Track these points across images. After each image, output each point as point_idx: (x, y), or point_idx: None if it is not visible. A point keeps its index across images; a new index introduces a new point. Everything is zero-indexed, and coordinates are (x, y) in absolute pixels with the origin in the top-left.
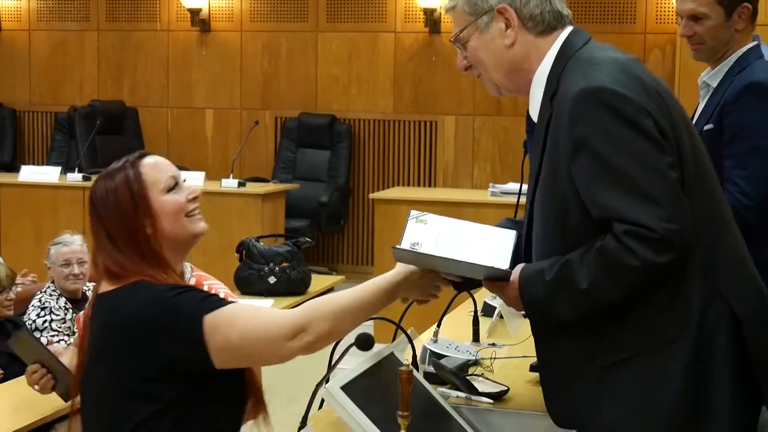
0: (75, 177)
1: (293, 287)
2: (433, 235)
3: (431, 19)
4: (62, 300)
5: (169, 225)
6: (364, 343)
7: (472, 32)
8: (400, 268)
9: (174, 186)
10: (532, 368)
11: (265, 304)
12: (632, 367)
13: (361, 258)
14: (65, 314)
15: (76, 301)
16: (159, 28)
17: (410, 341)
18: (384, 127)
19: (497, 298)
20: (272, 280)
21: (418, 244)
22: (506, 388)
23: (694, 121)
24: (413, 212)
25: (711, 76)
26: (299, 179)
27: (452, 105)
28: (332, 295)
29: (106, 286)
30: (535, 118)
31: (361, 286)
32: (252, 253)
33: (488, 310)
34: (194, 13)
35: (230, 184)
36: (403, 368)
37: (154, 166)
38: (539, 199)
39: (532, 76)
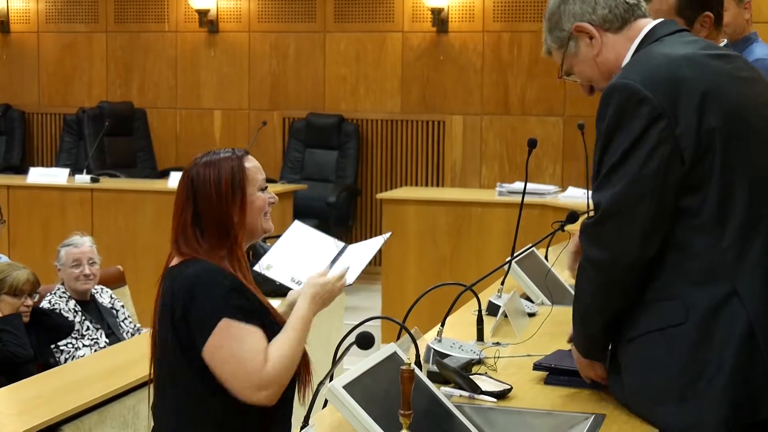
0: (83, 178)
1: None
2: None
3: (439, 18)
4: (72, 302)
5: (251, 218)
6: (365, 342)
7: (570, 60)
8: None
9: (264, 187)
10: (536, 367)
11: (273, 304)
12: (648, 342)
13: None
14: (74, 316)
15: (85, 303)
16: (167, 29)
17: (413, 340)
18: (392, 127)
19: (501, 296)
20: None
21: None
22: (509, 387)
23: None
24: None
25: None
26: (307, 179)
27: (460, 104)
28: (282, 343)
29: (176, 261)
30: None
31: (289, 324)
32: (259, 254)
33: (492, 309)
34: (202, 14)
35: None
36: (404, 367)
37: (255, 166)
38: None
39: (621, 66)
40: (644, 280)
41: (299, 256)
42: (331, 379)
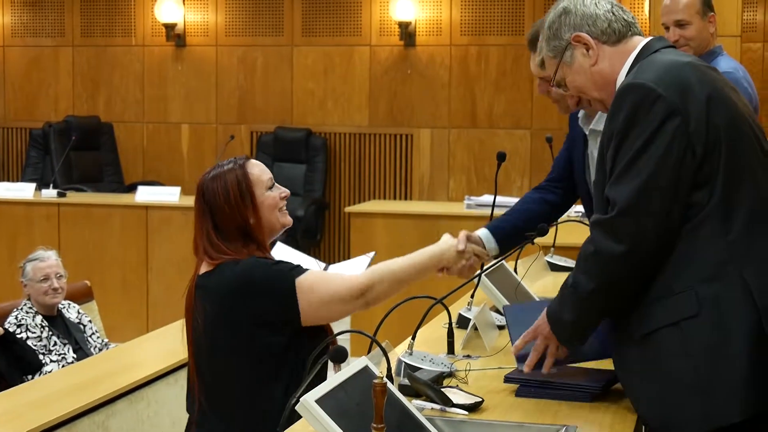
0: (50, 193)
1: None
2: None
3: (406, 32)
4: (38, 318)
5: (266, 216)
6: (338, 356)
7: (564, 70)
8: (444, 242)
9: (272, 185)
10: (507, 379)
11: None
12: (664, 336)
13: None
14: (41, 332)
15: (52, 318)
16: (134, 43)
17: (385, 354)
18: (360, 141)
19: (471, 309)
20: None
21: None
22: (481, 400)
23: None
24: None
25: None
26: None
27: (427, 118)
28: (389, 262)
29: (205, 268)
30: None
31: (411, 254)
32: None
33: (463, 322)
34: (169, 27)
35: None
36: (376, 380)
37: (259, 169)
38: (595, 181)
39: (616, 80)
40: (651, 276)
41: None
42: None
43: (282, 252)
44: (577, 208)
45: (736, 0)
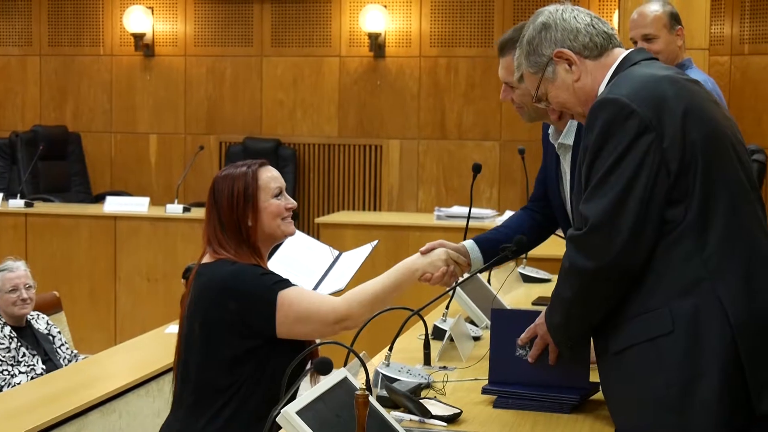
0: (17, 203)
1: None
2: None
3: (376, 43)
4: (7, 329)
5: (267, 222)
6: (323, 367)
7: (546, 85)
8: (419, 255)
9: (279, 194)
10: (485, 391)
11: None
12: (637, 353)
13: None
14: (10, 343)
15: (20, 329)
16: (102, 52)
17: (363, 365)
18: (329, 152)
19: (446, 320)
20: None
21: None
22: (459, 411)
23: None
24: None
25: None
26: None
27: (397, 129)
28: (366, 285)
29: (208, 259)
30: None
31: (386, 272)
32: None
33: (438, 333)
34: (138, 37)
35: (175, 209)
36: (358, 392)
37: (270, 176)
38: (574, 201)
39: (597, 95)
40: (626, 293)
41: (297, 264)
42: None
43: (298, 239)
44: None
45: (703, 13)
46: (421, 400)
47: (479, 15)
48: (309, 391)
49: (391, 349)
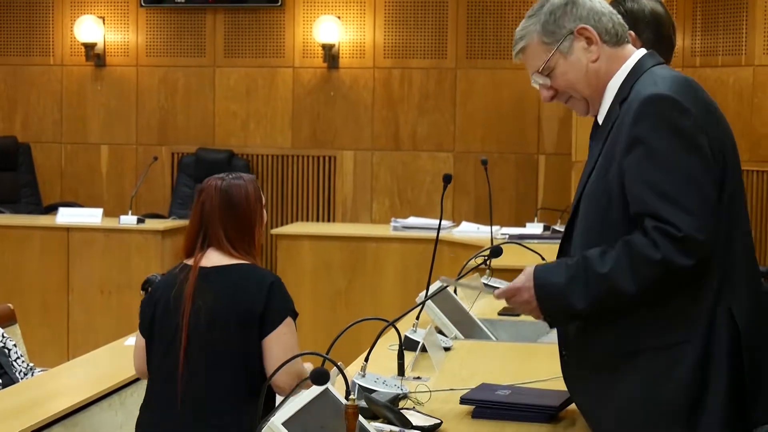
0: None
1: None
2: None
3: (330, 54)
4: None
5: (260, 231)
6: (320, 378)
7: (557, 59)
8: None
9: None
10: (463, 401)
11: None
12: (648, 358)
13: None
14: None
15: None
16: (52, 62)
17: (344, 376)
18: (282, 163)
19: (417, 331)
20: None
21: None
22: (439, 421)
23: None
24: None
25: None
26: None
27: (351, 140)
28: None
29: (217, 261)
30: (601, 120)
31: None
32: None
33: (410, 344)
34: (89, 47)
35: (129, 220)
36: (348, 403)
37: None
38: (589, 192)
39: (608, 82)
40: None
41: None
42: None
43: None
44: (504, 230)
45: None
46: (401, 411)
47: (433, 26)
48: (292, 402)
49: (367, 360)
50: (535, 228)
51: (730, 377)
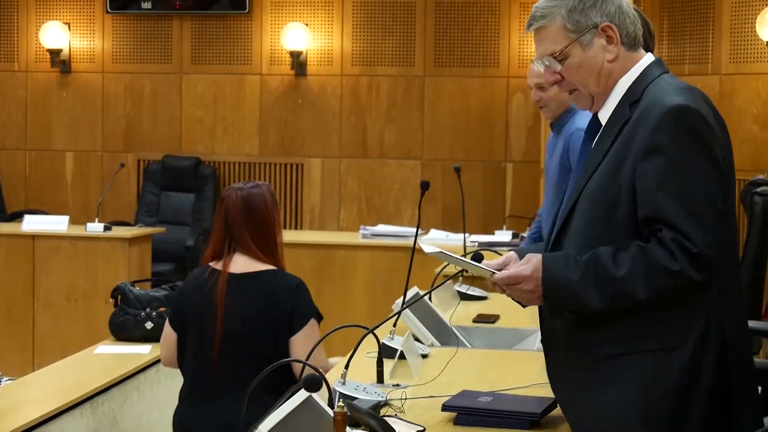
0: None
1: None
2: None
3: (297, 61)
4: None
5: (280, 235)
6: (313, 385)
7: (575, 49)
8: None
9: None
10: (445, 408)
11: (143, 350)
12: (636, 361)
13: None
14: None
15: None
16: (17, 68)
17: (326, 383)
18: (250, 170)
19: (394, 338)
20: (149, 325)
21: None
22: (422, 428)
23: None
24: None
25: None
26: (163, 223)
27: (318, 147)
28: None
29: (243, 267)
30: (603, 119)
31: None
32: (128, 298)
33: (387, 351)
34: (54, 53)
35: (96, 228)
36: (337, 410)
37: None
38: (593, 188)
39: (615, 82)
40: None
41: None
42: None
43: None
44: (473, 238)
45: None
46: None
47: (401, 34)
48: (277, 410)
49: (347, 367)
50: (504, 235)
51: (716, 387)
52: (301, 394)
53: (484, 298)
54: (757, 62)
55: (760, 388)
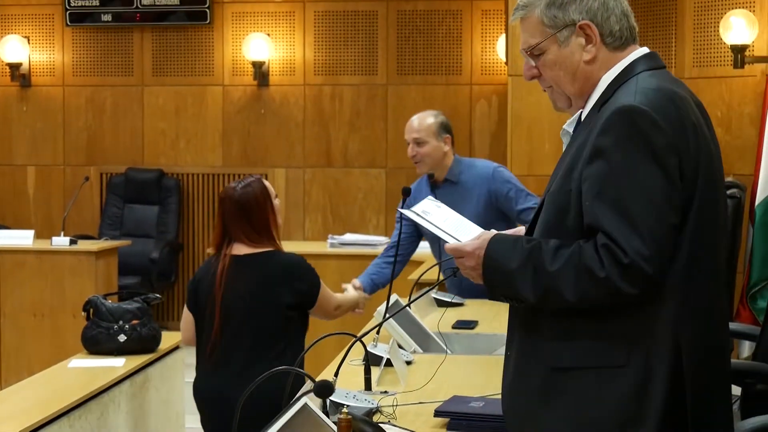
0: None
1: (144, 344)
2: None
3: (260, 72)
4: None
5: (275, 219)
6: (323, 390)
7: (550, 45)
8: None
9: (275, 196)
10: (437, 413)
11: (117, 363)
12: (581, 377)
13: None
14: None
15: None
16: None
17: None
18: (214, 181)
19: (377, 346)
20: (122, 338)
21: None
22: None
23: None
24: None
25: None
26: (126, 236)
27: (282, 157)
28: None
29: (245, 250)
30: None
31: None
32: (100, 311)
33: (373, 359)
34: (14, 67)
35: (61, 242)
36: (341, 416)
37: (268, 183)
38: (552, 192)
39: (596, 83)
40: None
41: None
42: None
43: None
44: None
45: None
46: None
47: (363, 43)
48: (277, 420)
49: (336, 375)
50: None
51: (665, 412)
52: (300, 401)
53: (460, 304)
54: (720, 66)
55: (740, 389)
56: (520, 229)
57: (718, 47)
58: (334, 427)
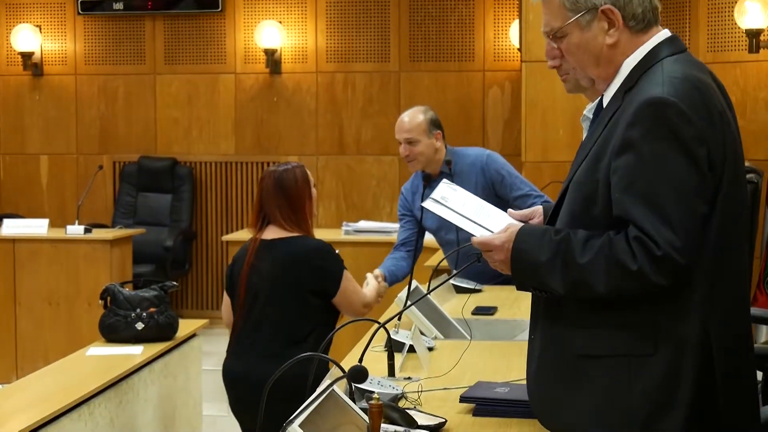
0: None
1: (162, 332)
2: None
3: (272, 59)
4: None
5: (310, 206)
6: (358, 375)
7: (573, 29)
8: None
9: (314, 185)
10: (463, 399)
11: (135, 351)
12: (609, 365)
13: (207, 302)
14: None
15: None
16: None
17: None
18: (226, 169)
19: (399, 332)
20: (140, 326)
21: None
22: (444, 420)
23: None
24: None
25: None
26: (140, 224)
27: (295, 145)
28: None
29: (274, 234)
30: (606, 103)
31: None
32: (118, 299)
33: (396, 345)
34: (26, 56)
35: (76, 230)
36: (373, 402)
37: (308, 171)
38: (577, 180)
39: (620, 67)
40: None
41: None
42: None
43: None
44: None
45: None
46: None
47: (375, 30)
48: (304, 405)
49: (361, 361)
50: None
51: (695, 400)
52: (327, 386)
53: (478, 290)
54: (735, 50)
55: (760, 374)
56: (537, 209)
57: (733, 32)
58: (362, 413)
